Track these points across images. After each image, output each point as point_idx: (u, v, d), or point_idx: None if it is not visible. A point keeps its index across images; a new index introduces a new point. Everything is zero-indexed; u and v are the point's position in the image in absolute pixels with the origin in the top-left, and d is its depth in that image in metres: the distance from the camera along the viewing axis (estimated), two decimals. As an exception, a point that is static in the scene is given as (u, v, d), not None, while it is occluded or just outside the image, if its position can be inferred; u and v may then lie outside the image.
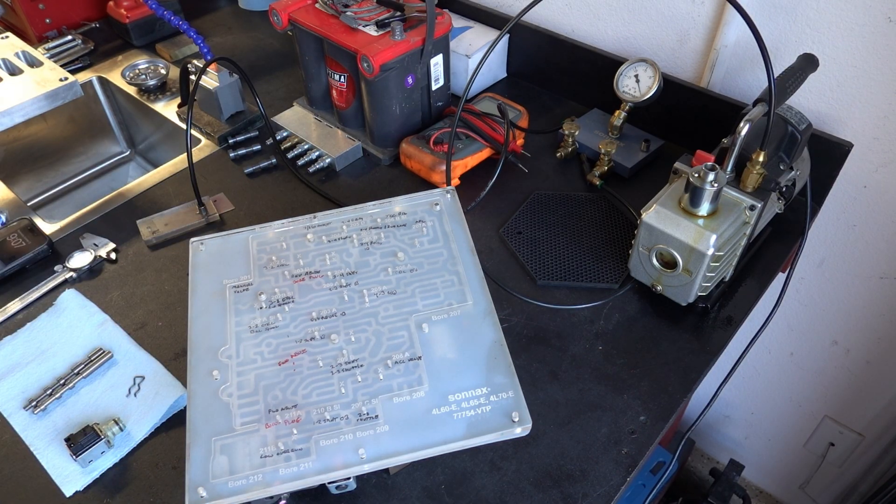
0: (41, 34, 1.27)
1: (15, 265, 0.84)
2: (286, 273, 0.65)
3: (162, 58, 1.24)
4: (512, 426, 0.54)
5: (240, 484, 0.52)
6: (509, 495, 0.63)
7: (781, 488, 1.49)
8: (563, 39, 1.07)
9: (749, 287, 0.82)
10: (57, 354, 0.74)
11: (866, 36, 0.80)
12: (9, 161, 1.18)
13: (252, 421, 0.55)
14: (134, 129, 1.29)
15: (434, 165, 0.92)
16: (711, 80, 0.95)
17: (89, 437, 0.65)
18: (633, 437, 0.67)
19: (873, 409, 1.17)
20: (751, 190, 0.72)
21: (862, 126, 0.86)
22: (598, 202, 0.92)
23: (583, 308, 0.79)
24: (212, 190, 0.96)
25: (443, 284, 0.63)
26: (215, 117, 1.06)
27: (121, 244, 0.89)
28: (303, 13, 0.96)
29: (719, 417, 1.46)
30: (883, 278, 0.98)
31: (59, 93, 0.98)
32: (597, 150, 0.95)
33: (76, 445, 0.64)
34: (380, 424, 0.55)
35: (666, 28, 0.98)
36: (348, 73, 0.96)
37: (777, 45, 0.87)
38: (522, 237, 0.88)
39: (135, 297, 0.82)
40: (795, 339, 1.17)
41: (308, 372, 0.58)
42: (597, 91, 1.04)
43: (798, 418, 1.30)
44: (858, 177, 0.91)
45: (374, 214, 0.70)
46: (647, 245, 0.74)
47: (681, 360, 0.74)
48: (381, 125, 0.98)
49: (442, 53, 0.96)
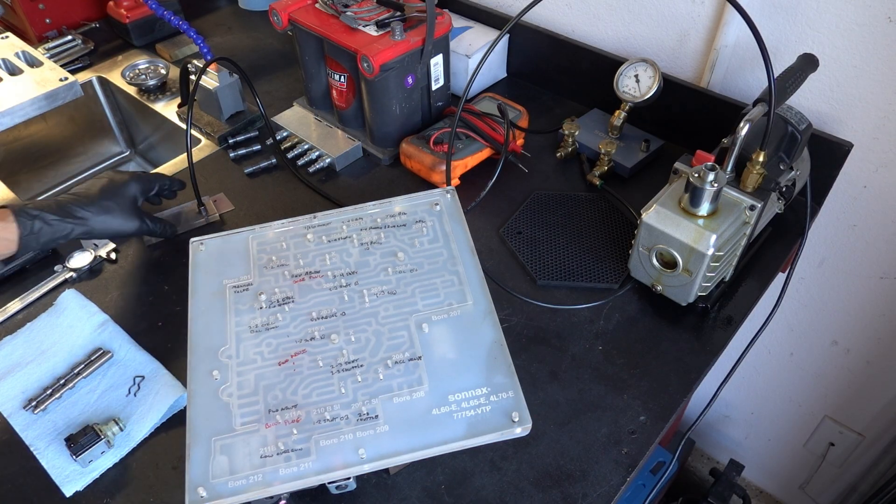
0: (41, 34, 1.27)
1: (15, 265, 0.84)
2: (286, 273, 0.65)
3: (162, 58, 1.24)
4: (512, 426, 0.54)
5: (240, 484, 0.52)
6: (509, 495, 0.63)
7: (781, 488, 1.49)
8: (563, 39, 1.07)
9: (749, 287, 0.82)
10: (57, 354, 0.74)
11: (866, 36, 0.80)
12: (9, 161, 1.18)
13: (252, 421, 0.55)
14: (134, 129, 1.29)
15: (434, 165, 0.92)
16: (711, 80, 0.95)
17: (89, 437, 0.65)
18: (633, 437, 0.67)
19: (873, 409, 1.17)
20: (751, 190, 0.72)
21: (862, 126, 0.86)
22: (598, 202, 0.92)
23: (583, 308, 0.79)
24: (212, 190, 0.96)
25: (443, 284, 0.63)
26: (215, 117, 1.06)
27: (121, 244, 0.89)
28: (303, 13, 0.96)
29: (719, 417, 1.46)
30: (883, 278, 0.98)
31: (59, 93, 0.98)
32: (597, 150, 0.95)
33: (76, 445, 0.64)
34: (380, 424, 0.55)
35: (666, 28, 0.98)
36: (348, 73, 0.96)
37: (777, 45, 0.87)
38: (522, 237, 0.88)
39: (135, 297, 0.82)
40: (795, 339, 1.17)
41: (308, 372, 0.58)
42: (597, 91, 1.04)
43: (798, 418, 1.30)
44: (858, 177, 0.91)
45: (374, 214, 0.70)
46: (647, 245, 0.74)
47: (681, 360, 0.74)
48: (381, 125, 0.98)
49: (442, 53, 0.96)
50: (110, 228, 0.78)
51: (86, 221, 0.75)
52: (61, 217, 0.73)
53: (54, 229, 0.73)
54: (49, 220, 0.72)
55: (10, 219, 0.70)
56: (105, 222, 0.77)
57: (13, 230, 0.70)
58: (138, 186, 0.82)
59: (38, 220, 0.71)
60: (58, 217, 0.73)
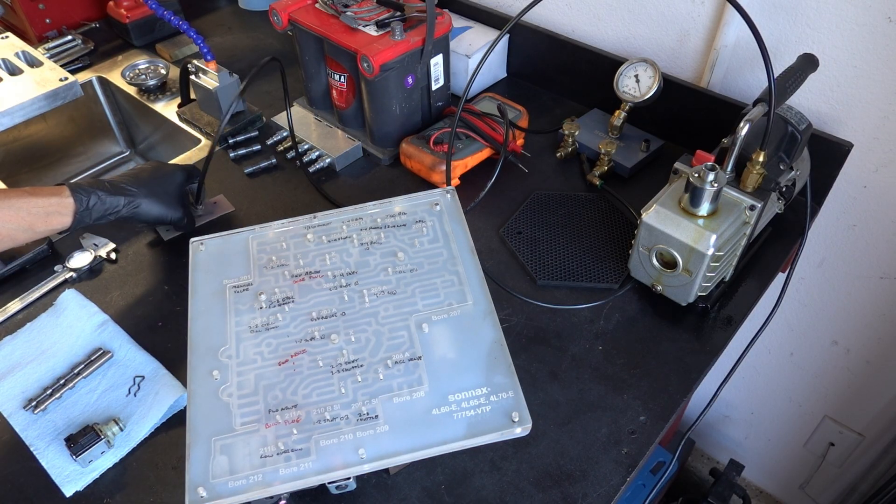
0: (41, 34, 1.27)
1: (15, 265, 0.84)
2: (286, 273, 0.65)
3: (162, 58, 1.24)
4: (512, 426, 0.54)
5: (240, 484, 0.52)
6: (509, 495, 0.63)
7: (781, 488, 1.49)
8: (563, 39, 1.07)
9: (749, 287, 0.82)
10: (57, 354, 0.74)
11: (866, 36, 0.80)
12: (9, 161, 1.18)
13: (252, 421, 0.55)
14: (134, 129, 1.29)
15: (434, 165, 0.92)
16: (711, 80, 0.95)
17: (89, 437, 0.65)
18: (633, 437, 0.67)
19: (873, 409, 1.16)
20: (751, 190, 0.72)
21: (862, 126, 0.86)
22: (598, 202, 0.92)
23: (583, 308, 0.79)
24: (212, 190, 0.96)
25: (443, 284, 0.63)
26: (215, 117, 1.06)
27: (121, 244, 0.89)
28: (303, 13, 0.96)
29: (719, 417, 1.46)
30: (883, 278, 0.98)
31: (59, 93, 0.98)
32: (597, 150, 0.95)
33: (76, 445, 0.64)
34: (380, 424, 0.55)
35: (666, 28, 0.98)
36: (348, 73, 0.96)
37: (777, 45, 0.87)
38: (522, 237, 0.88)
39: (135, 297, 0.82)
40: (795, 339, 1.17)
41: (308, 372, 0.58)
42: (597, 91, 1.04)
43: (798, 418, 1.30)
44: (858, 177, 0.91)
45: (374, 214, 0.70)
46: (647, 245, 0.74)
47: (681, 360, 0.74)
48: (381, 125, 0.98)
49: (442, 53, 0.96)
50: (155, 213, 0.80)
51: (136, 198, 0.77)
52: (113, 193, 0.75)
53: (106, 205, 0.75)
54: (102, 196, 0.74)
55: (66, 194, 0.72)
56: (152, 205, 0.79)
57: (69, 205, 0.72)
58: (183, 176, 0.84)
59: (94, 195, 0.74)
60: (110, 193, 0.75)
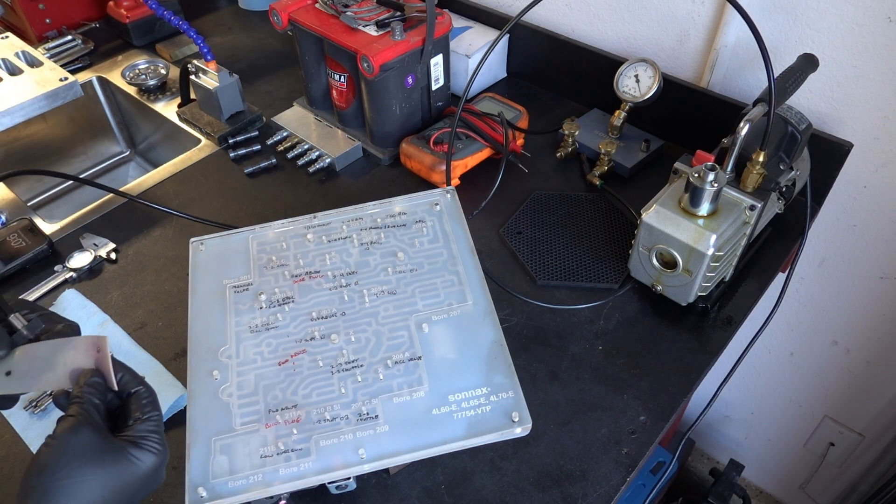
0: (41, 34, 1.27)
1: (15, 265, 0.84)
2: (286, 273, 0.65)
3: (162, 58, 1.24)
4: (512, 426, 0.54)
5: (240, 484, 0.52)
6: (509, 495, 0.63)
7: (781, 488, 1.49)
8: (563, 39, 1.07)
9: (749, 287, 0.82)
10: (57, 354, 0.74)
11: (866, 36, 0.80)
12: (9, 161, 1.18)
13: (252, 421, 0.55)
14: (134, 129, 1.29)
15: (434, 165, 0.92)
16: (711, 80, 0.95)
17: (89, 437, 0.64)
18: (633, 437, 0.67)
19: (873, 409, 1.16)
20: (751, 190, 0.72)
21: (862, 126, 0.86)
22: (598, 202, 0.92)
23: (583, 308, 0.79)
24: (212, 190, 0.96)
25: (443, 284, 0.63)
26: (215, 117, 1.06)
27: (121, 244, 0.89)
28: (303, 13, 0.96)
29: (719, 417, 1.46)
30: (883, 278, 0.98)
31: (59, 93, 0.98)
32: (597, 150, 0.95)
33: (76, 445, 0.64)
34: (380, 424, 0.55)
35: (666, 28, 0.97)
36: (348, 73, 0.96)
37: (777, 45, 0.87)
38: (522, 237, 0.88)
39: (135, 297, 0.82)
40: (795, 339, 1.17)
41: (308, 372, 0.58)
42: (597, 91, 1.04)
43: (798, 418, 1.30)
44: (858, 177, 0.91)
45: (374, 214, 0.70)
46: (647, 245, 0.74)
47: (681, 360, 0.74)
48: (381, 125, 0.98)
49: (442, 53, 0.96)
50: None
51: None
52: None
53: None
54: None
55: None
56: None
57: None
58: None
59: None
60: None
